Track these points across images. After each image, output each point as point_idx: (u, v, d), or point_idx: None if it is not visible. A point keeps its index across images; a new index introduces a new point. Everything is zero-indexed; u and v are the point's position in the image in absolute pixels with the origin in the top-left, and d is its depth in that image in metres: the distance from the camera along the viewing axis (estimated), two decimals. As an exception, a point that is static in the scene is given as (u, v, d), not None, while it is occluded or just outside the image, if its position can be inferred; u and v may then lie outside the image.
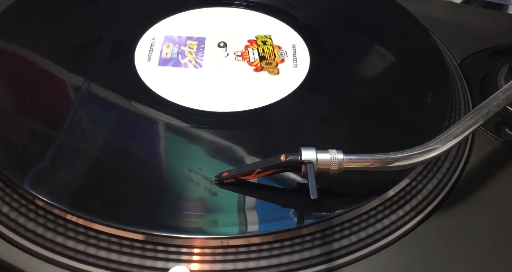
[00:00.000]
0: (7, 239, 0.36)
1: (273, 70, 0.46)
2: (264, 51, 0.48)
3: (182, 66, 0.48)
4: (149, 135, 0.42)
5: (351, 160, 0.35)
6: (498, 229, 0.38)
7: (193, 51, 0.49)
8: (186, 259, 0.34)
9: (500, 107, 0.38)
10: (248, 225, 0.36)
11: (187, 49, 0.49)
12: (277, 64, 0.47)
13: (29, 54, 0.48)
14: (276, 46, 0.49)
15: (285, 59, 0.48)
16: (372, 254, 0.36)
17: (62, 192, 0.37)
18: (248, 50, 0.49)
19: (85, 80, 0.46)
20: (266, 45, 0.49)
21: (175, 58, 0.48)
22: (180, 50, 0.49)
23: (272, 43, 0.49)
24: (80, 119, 0.43)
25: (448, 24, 0.55)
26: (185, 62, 0.48)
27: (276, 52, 0.48)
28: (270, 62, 0.47)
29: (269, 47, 0.49)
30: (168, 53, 0.48)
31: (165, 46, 0.49)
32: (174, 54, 0.48)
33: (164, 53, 0.48)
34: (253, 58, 0.48)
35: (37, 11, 0.53)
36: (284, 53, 0.48)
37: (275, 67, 0.47)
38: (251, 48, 0.49)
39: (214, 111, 0.43)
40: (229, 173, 0.37)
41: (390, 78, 0.48)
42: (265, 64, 0.47)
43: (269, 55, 0.48)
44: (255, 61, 0.48)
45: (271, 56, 0.48)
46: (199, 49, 0.49)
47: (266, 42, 0.49)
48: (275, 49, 0.49)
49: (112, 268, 0.34)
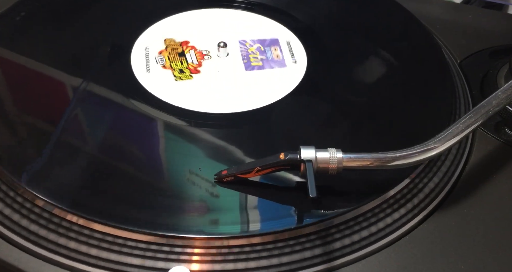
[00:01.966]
0: (7, 239, 0.36)
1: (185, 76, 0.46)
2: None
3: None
4: (149, 135, 0.42)
5: (350, 158, 0.35)
6: (498, 229, 0.38)
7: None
8: (186, 259, 0.34)
9: (499, 107, 0.38)
10: (248, 225, 0.36)
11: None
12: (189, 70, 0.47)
13: (28, 54, 0.48)
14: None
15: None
16: (372, 254, 0.36)
17: (62, 192, 0.37)
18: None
19: (85, 80, 0.46)
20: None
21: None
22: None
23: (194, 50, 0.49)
24: (80, 119, 0.43)
25: (448, 24, 0.55)
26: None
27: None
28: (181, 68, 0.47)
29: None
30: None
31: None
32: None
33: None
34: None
35: (36, 13, 0.53)
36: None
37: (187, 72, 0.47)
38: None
39: (214, 111, 0.43)
40: (229, 171, 0.37)
41: (390, 78, 0.48)
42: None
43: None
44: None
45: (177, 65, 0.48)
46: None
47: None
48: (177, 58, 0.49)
49: (112, 268, 0.34)
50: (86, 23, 0.52)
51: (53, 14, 0.53)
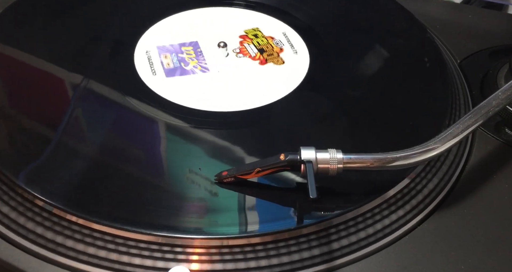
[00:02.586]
0: (7, 239, 0.36)
1: (278, 60, 0.46)
2: (260, 44, 0.48)
3: (189, 73, 0.47)
4: (149, 135, 0.42)
5: (350, 159, 0.35)
6: (498, 229, 0.38)
7: (193, 56, 0.48)
8: (186, 259, 0.34)
9: (499, 107, 0.38)
10: (248, 225, 0.36)
11: (186, 55, 0.49)
12: (279, 54, 0.47)
13: (28, 53, 0.48)
14: (269, 37, 0.49)
15: (283, 48, 0.48)
16: (372, 254, 0.36)
17: (62, 192, 0.37)
18: (245, 45, 0.49)
19: (86, 79, 0.46)
20: (258, 37, 0.49)
21: (178, 66, 0.48)
22: (180, 58, 0.48)
23: (263, 35, 0.49)
24: (80, 119, 0.43)
25: (448, 24, 0.55)
26: (190, 68, 0.48)
27: (271, 43, 0.48)
28: (271, 52, 0.47)
29: (262, 39, 0.48)
30: (169, 63, 0.48)
31: (163, 56, 0.48)
32: (176, 63, 0.48)
33: (166, 64, 0.48)
34: (252, 52, 0.48)
35: (36, 11, 0.53)
36: (280, 42, 0.48)
37: (278, 56, 0.47)
38: (246, 43, 0.48)
39: (215, 111, 0.43)
40: (229, 172, 0.37)
41: (390, 78, 0.48)
42: (267, 55, 0.47)
43: (266, 46, 0.48)
44: (256, 55, 0.47)
45: (268, 47, 0.48)
46: (197, 53, 0.49)
47: (257, 35, 0.49)
48: (269, 40, 0.48)
49: (112, 268, 0.34)
50: (84, 23, 0.52)
51: (53, 12, 0.53)
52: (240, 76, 0.47)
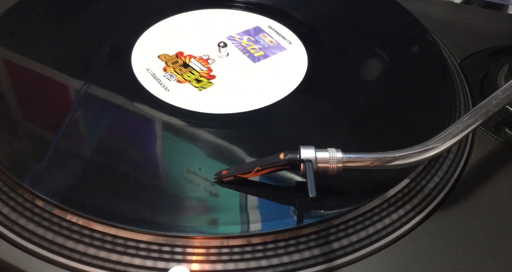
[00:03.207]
0: (7, 239, 0.36)
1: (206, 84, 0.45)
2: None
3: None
4: (148, 135, 0.42)
5: (350, 158, 0.35)
6: (498, 229, 0.37)
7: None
8: (186, 259, 0.34)
9: (499, 107, 0.38)
10: (248, 224, 0.36)
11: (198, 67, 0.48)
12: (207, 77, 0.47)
13: (29, 55, 0.48)
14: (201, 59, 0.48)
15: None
16: (372, 254, 0.36)
17: (62, 192, 0.37)
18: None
19: (85, 81, 0.46)
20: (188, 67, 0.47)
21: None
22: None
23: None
24: (80, 119, 0.43)
25: (448, 24, 0.55)
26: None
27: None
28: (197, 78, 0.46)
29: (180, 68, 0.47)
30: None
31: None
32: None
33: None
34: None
35: (36, 14, 0.53)
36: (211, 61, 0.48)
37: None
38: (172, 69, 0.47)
39: (215, 112, 0.43)
40: (228, 171, 0.37)
41: (390, 78, 0.48)
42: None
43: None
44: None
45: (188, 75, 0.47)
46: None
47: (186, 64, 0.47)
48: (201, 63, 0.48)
49: (111, 268, 0.34)
50: (83, 25, 0.52)
51: (53, 14, 0.53)
52: (240, 76, 0.47)
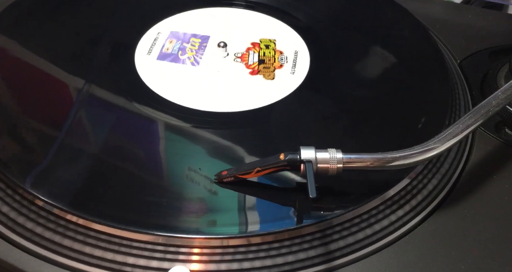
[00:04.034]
0: (7, 239, 0.36)
1: (269, 75, 0.46)
2: (265, 55, 0.48)
3: (179, 62, 0.48)
4: (148, 135, 0.42)
5: (350, 159, 0.35)
6: (498, 229, 0.38)
7: (194, 49, 0.49)
8: (186, 259, 0.34)
9: (499, 107, 0.38)
10: (247, 225, 0.36)
11: (189, 46, 0.49)
12: (275, 69, 0.47)
13: (29, 54, 0.48)
14: (278, 51, 0.49)
15: (284, 65, 0.48)
16: (372, 254, 0.36)
17: (62, 192, 0.37)
18: (249, 52, 0.49)
19: (85, 80, 0.46)
20: (268, 49, 0.49)
21: (175, 54, 0.48)
22: (182, 47, 0.49)
23: (275, 48, 0.49)
24: (80, 119, 0.43)
25: (448, 24, 0.55)
26: (183, 58, 0.48)
27: (276, 57, 0.48)
28: (268, 66, 0.47)
29: (271, 51, 0.49)
30: (169, 48, 0.49)
31: (168, 41, 0.50)
32: (174, 50, 0.49)
33: (166, 48, 0.49)
34: (252, 60, 0.48)
35: (37, 10, 0.53)
36: (285, 59, 0.48)
37: (272, 71, 0.47)
38: (252, 51, 0.49)
39: (214, 111, 0.43)
40: (229, 171, 0.37)
41: (390, 78, 0.48)
42: (263, 68, 0.47)
43: (268, 59, 0.48)
44: (253, 64, 0.48)
45: (270, 61, 0.48)
46: (201, 47, 0.49)
47: (269, 46, 0.49)
48: (276, 54, 0.49)
49: (111, 267, 0.34)
50: (88, 17, 0.53)
51: (52, 12, 0.53)
52: (240, 76, 0.47)
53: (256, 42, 0.50)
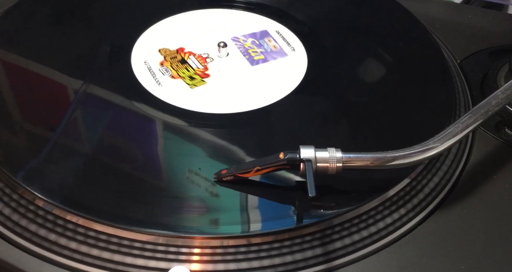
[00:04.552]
0: (7, 239, 0.36)
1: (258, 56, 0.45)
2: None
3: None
4: (148, 135, 0.42)
5: (349, 158, 0.35)
6: (498, 229, 0.37)
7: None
8: (186, 259, 0.34)
9: (499, 107, 0.38)
10: (248, 224, 0.36)
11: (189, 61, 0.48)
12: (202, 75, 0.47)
13: (26, 54, 0.48)
14: (199, 57, 0.48)
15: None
16: (372, 254, 0.36)
17: (62, 192, 0.37)
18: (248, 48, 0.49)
19: (85, 80, 0.46)
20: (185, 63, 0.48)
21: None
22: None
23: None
24: (80, 119, 0.43)
25: (448, 24, 0.55)
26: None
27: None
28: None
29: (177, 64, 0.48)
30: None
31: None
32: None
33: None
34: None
35: (37, 13, 0.53)
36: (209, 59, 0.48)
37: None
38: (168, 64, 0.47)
39: (214, 112, 0.43)
40: (228, 170, 0.37)
41: (390, 78, 0.48)
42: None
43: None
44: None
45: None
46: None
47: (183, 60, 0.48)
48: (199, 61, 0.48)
49: (111, 267, 0.34)
50: (83, 25, 0.52)
51: (53, 14, 0.53)
52: (240, 76, 0.47)
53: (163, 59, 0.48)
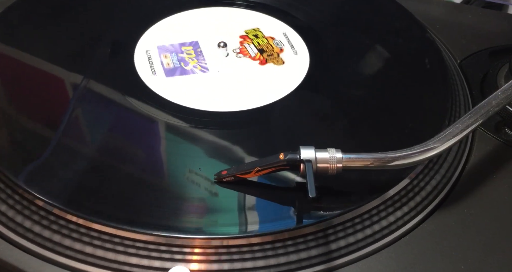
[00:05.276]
0: (7, 239, 0.36)
1: (278, 61, 0.46)
2: (260, 44, 0.48)
3: (189, 73, 0.47)
4: (149, 135, 0.42)
5: (349, 158, 0.35)
6: (498, 229, 0.37)
7: (193, 56, 0.48)
8: (186, 259, 0.34)
9: (499, 107, 0.38)
10: (248, 225, 0.36)
11: (186, 55, 0.49)
12: (279, 54, 0.47)
13: (28, 53, 0.48)
14: (269, 37, 0.49)
15: (283, 48, 0.48)
16: (372, 254, 0.36)
17: (62, 192, 0.37)
18: (245, 45, 0.49)
19: (86, 79, 0.46)
20: (259, 38, 0.49)
21: (178, 66, 0.48)
22: (180, 58, 0.48)
23: (264, 35, 0.49)
24: (80, 119, 0.43)
25: (448, 24, 0.55)
26: (190, 68, 0.48)
27: (271, 43, 0.48)
28: (271, 53, 0.47)
29: (262, 39, 0.49)
30: (169, 63, 0.47)
31: (162, 56, 0.48)
32: (176, 63, 0.48)
33: (166, 64, 0.47)
34: (252, 52, 0.48)
35: (37, 11, 0.53)
36: (280, 43, 0.48)
37: (278, 57, 0.47)
38: (247, 43, 0.48)
39: (215, 111, 0.43)
40: (228, 171, 0.37)
41: (390, 78, 0.48)
42: (267, 56, 0.47)
43: (266, 47, 0.48)
44: (256, 55, 0.47)
45: (269, 48, 0.48)
46: (197, 53, 0.49)
47: (257, 35, 0.49)
48: (269, 41, 0.48)
49: (111, 268, 0.34)
50: (84, 22, 0.52)
51: (53, 12, 0.53)
52: (240, 76, 0.47)
53: (244, 35, 0.50)
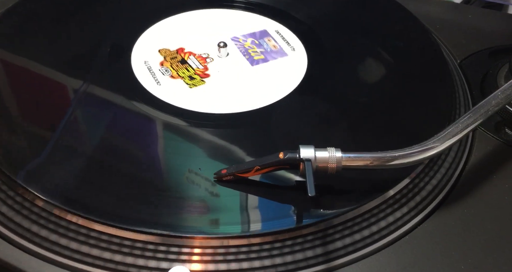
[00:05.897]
0: (7, 239, 0.36)
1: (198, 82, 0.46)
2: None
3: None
4: (149, 135, 0.42)
5: (349, 158, 0.35)
6: (498, 229, 0.37)
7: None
8: (186, 259, 0.34)
9: (499, 107, 0.38)
10: (248, 224, 0.36)
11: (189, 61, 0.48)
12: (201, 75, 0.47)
13: (26, 54, 0.48)
14: (199, 57, 0.49)
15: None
16: (372, 254, 0.36)
17: (62, 192, 0.37)
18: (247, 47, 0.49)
19: (86, 80, 0.46)
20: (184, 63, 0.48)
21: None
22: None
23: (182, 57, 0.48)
24: (80, 119, 0.43)
25: (448, 24, 0.55)
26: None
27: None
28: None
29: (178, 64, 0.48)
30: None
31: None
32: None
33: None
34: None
35: (37, 13, 0.53)
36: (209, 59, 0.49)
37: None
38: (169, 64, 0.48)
39: (215, 112, 0.43)
40: (228, 170, 0.37)
41: (390, 78, 0.48)
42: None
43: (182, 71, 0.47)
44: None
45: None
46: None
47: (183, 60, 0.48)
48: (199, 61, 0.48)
49: (111, 268, 0.34)
50: (81, 27, 0.52)
51: (53, 14, 0.53)
52: (238, 76, 0.47)
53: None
